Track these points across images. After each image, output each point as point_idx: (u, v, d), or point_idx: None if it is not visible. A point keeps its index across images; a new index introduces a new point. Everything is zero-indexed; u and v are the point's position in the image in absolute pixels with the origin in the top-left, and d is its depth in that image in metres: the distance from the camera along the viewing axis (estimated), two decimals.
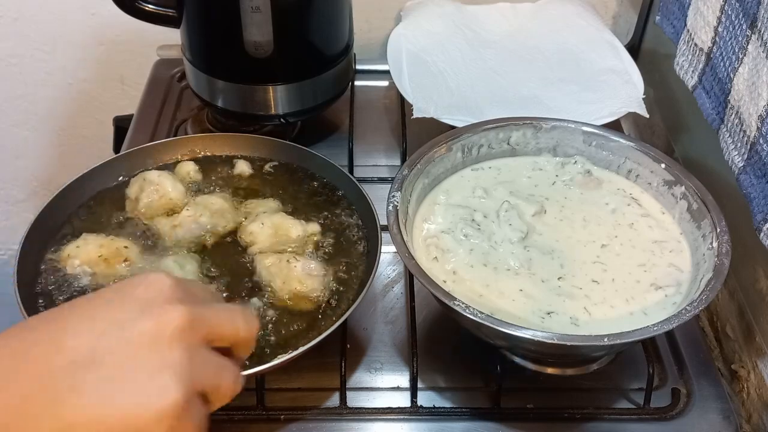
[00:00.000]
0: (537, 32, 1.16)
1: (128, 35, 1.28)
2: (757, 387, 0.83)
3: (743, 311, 0.86)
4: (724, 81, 0.82)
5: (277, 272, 0.75)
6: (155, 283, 0.49)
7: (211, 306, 0.51)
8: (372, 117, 1.11)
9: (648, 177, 0.83)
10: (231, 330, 0.51)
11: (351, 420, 0.74)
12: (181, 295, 0.49)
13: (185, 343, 0.47)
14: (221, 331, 0.50)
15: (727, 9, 0.81)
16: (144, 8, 0.96)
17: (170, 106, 1.12)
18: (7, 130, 1.41)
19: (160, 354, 0.46)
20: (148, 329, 0.46)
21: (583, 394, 0.76)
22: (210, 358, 0.49)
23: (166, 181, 0.84)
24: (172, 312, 0.47)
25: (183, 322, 0.47)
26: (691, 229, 0.77)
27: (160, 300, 0.48)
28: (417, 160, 0.80)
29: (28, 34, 1.28)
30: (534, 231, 0.79)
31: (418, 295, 0.82)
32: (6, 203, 1.52)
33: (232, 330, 0.51)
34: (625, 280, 0.75)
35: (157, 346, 0.46)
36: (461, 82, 1.06)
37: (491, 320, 0.65)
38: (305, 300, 0.74)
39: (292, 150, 0.90)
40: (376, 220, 0.80)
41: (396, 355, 0.80)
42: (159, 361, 0.46)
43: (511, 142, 0.87)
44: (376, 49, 1.25)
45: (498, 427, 0.73)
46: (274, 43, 0.92)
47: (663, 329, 0.65)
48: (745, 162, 0.77)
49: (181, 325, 0.47)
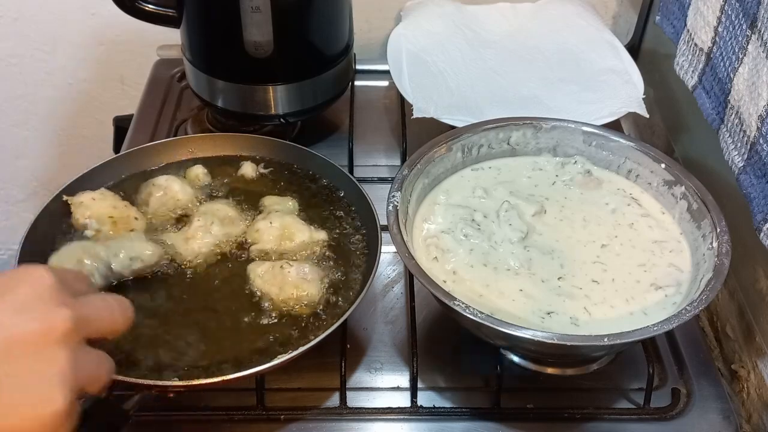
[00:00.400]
0: (537, 32, 1.16)
1: (128, 35, 1.28)
2: (757, 387, 0.83)
3: (743, 311, 0.86)
4: (724, 81, 0.82)
5: (272, 279, 0.74)
6: (38, 281, 0.48)
7: (90, 302, 0.51)
8: (372, 117, 1.11)
9: (648, 177, 0.83)
10: (110, 324, 0.52)
11: (351, 420, 0.74)
12: (63, 296, 0.48)
13: (69, 346, 0.46)
14: (101, 327, 0.51)
15: (727, 9, 0.81)
16: (144, 8, 0.96)
17: (170, 106, 1.12)
18: (7, 130, 1.41)
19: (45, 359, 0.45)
20: (33, 332, 0.45)
21: (583, 394, 0.76)
22: (89, 356, 0.49)
23: (174, 184, 0.84)
24: (58, 315, 0.46)
25: (68, 325, 0.46)
26: (691, 229, 0.77)
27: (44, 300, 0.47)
28: (417, 160, 0.80)
29: (28, 34, 1.28)
30: (534, 231, 0.79)
31: (418, 295, 0.82)
32: (6, 203, 1.52)
33: (111, 324, 0.52)
34: (625, 280, 0.75)
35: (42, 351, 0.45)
36: (461, 82, 1.06)
37: (491, 320, 0.65)
38: (303, 305, 0.74)
39: (292, 150, 0.90)
40: (376, 220, 0.80)
41: (396, 355, 0.80)
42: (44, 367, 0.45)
43: (511, 142, 0.87)
44: (376, 49, 1.25)
45: (498, 427, 0.73)
46: (274, 43, 0.92)
47: (663, 329, 0.65)
48: (745, 162, 0.77)
49: (67, 329, 0.46)
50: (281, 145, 0.91)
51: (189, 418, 0.73)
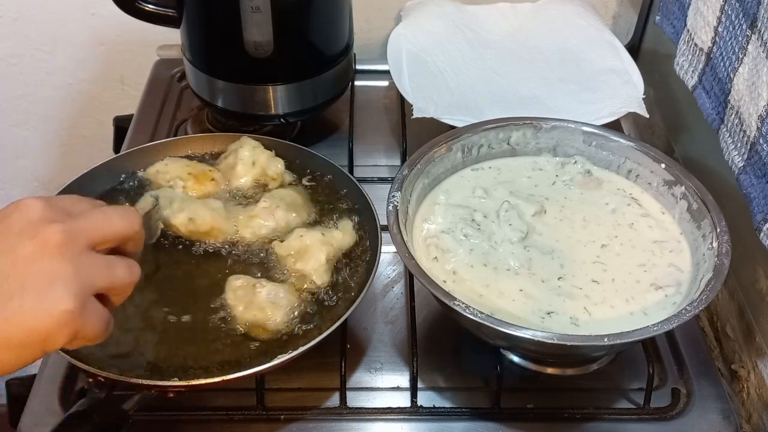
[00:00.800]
0: (537, 32, 1.16)
1: (128, 35, 1.28)
2: (757, 387, 0.83)
3: (743, 311, 0.86)
4: (724, 81, 0.82)
5: (243, 296, 0.73)
6: (27, 207, 0.53)
7: (85, 215, 0.54)
8: (372, 117, 1.11)
9: (648, 177, 0.83)
10: (109, 230, 0.55)
11: (351, 420, 0.74)
12: (53, 214, 0.52)
13: (67, 255, 0.50)
14: (100, 233, 0.54)
15: (727, 9, 0.81)
16: (144, 8, 0.96)
17: (170, 106, 1.12)
18: (7, 130, 1.41)
19: (45, 270, 0.50)
20: (30, 251, 0.50)
21: (583, 394, 0.76)
22: (97, 261, 0.53)
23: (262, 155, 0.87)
24: (48, 230, 0.51)
25: (60, 237, 0.51)
26: (691, 229, 0.77)
27: (34, 222, 0.51)
28: (417, 160, 0.80)
29: (28, 34, 1.28)
30: (534, 231, 0.79)
31: (418, 295, 0.82)
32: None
33: (111, 230, 0.55)
34: (625, 280, 0.75)
35: (40, 263, 0.50)
36: (461, 82, 1.06)
37: (491, 320, 0.65)
38: (263, 328, 0.72)
39: (292, 150, 0.90)
40: (376, 220, 0.80)
41: (396, 355, 0.80)
42: (46, 276, 0.49)
43: (511, 142, 0.87)
44: (376, 49, 1.25)
45: (498, 427, 0.73)
46: (274, 43, 0.92)
47: (663, 329, 0.65)
48: (745, 162, 0.77)
49: (59, 240, 0.50)
50: (281, 145, 0.91)
51: (189, 418, 0.73)
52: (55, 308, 0.49)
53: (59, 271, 0.50)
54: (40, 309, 0.49)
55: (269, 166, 0.86)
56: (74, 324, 0.50)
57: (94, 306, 0.52)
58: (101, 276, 0.53)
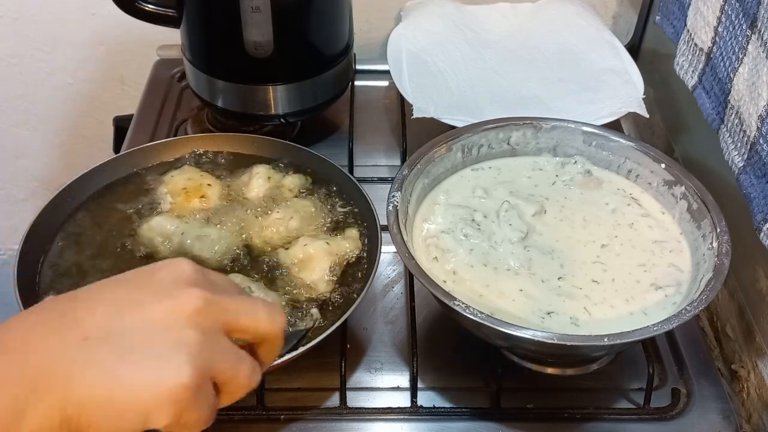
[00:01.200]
0: (537, 32, 1.16)
1: (128, 35, 1.28)
2: (757, 387, 0.83)
3: (743, 311, 0.86)
4: (724, 81, 0.82)
5: None
6: (177, 267, 0.49)
7: (232, 296, 0.50)
8: (372, 117, 1.11)
9: (648, 177, 0.83)
10: (251, 320, 0.50)
11: (351, 420, 0.74)
12: (201, 280, 0.49)
13: (202, 327, 0.46)
14: (240, 320, 0.49)
15: (727, 9, 0.81)
16: (144, 8, 0.96)
17: (170, 106, 1.12)
18: (7, 130, 1.41)
19: (175, 334, 0.46)
20: (165, 310, 0.46)
21: (583, 394, 0.76)
22: (227, 346, 0.48)
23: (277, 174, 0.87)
24: (191, 294, 0.47)
25: (200, 304, 0.47)
26: (691, 229, 0.77)
27: (180, 283, 0.48)
28: (417, 160, 0.80)
29: (28, 34, 1.28)
30: (534, 231, 0.79)
31: (418, 295, 0.82)
32: (6, 203, 1.52)
33: (252, 321, 0.50)
34: (625, 280, 0.75)
35: (172, 326, 0.46)
36: (461, 82, 1.06)
37: (491, 320, 0.65)
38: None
39: (292, 150, 0.90)
40: (376, 220, 0.80)
41: (396, 355, 0.80)
42: (173, 341, 0.45)
43: (511, 142, 0.87)
44: (376, 49, 1.25)
45: (498, 427, 0.73)
46: (274, 43, 0.92)
47: (663, 329, 0.64)
48: (745, 162, 0.77)
49: (199, 308, 0.46)
50: (281, 145, 0.91)
51: None
52: (172, 380, 0.44)
53: (187, 340, 0.46)
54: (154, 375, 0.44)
55: (284, 181, 0.87)
56: (184, 403, 0.45)
57: (208, 391, 0.47)
58: (226, 363, 0.48)
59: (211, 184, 0.86)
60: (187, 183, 0.85)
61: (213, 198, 0.85)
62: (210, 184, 0.86)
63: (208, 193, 0.85)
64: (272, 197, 0.85)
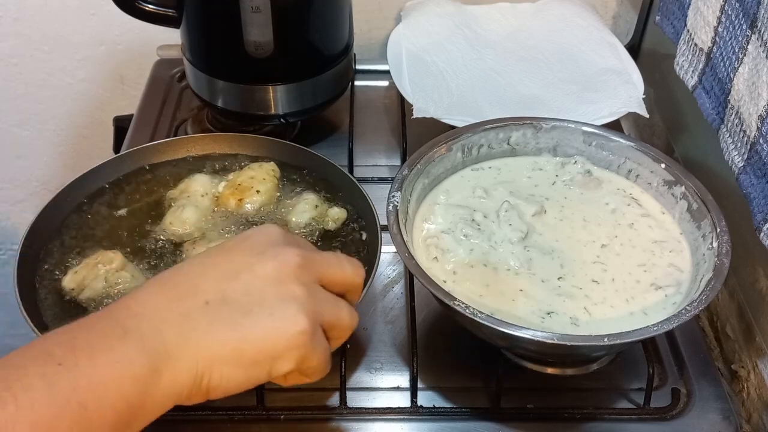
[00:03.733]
0: (537, 32, 1.16)
1: (128, 35, 1.28)
2: (757, 387, 0.83)
3: (743, 311, 0.86)
4: (724, 81, 0.82)
5: None
6: (268, 231, 0.55)
7: (320, 252, 0.57)
8: (372, 117, 1.11)
9: (648, 177, 0.83)
10: (340, 273, 0.57)
11: (351, 420, 0.74)
12: (292, 240, 0.55)
13: (303, 280, 0.52)
14: (332, 273, 0.56)
15: (727, 9, 0.81)
16: (144, 8, 0.96)
17: (170, 106, 1.12)
18: (7, 130, 1.41)
19: (283, 289, 0.51)
20: (270, 269, 0.52)
21: (583, 394, 0.76)
22: (326, 295, 0.54)
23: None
24: (289, 253, 0.53)
25: (300, 261, 0.53)
26: (691, 229, 0.77)
27: (276, 244, 0.53)
28: (417, 160, 0.80)
29: (28, 34, 1.28)
30: (534, 231, 0.79)
31: (418, 295, 0.82)
32: (6, 203, 1.52)
33: (342, 273, 0.57)
34: (625, 280, 0.75)
35: (279, 282, 0.51)
36: (461, 82, 1.06)
37: (491, 320, 0.65)
38: None
39: (292, 150, 0.90)
40: (376, 220, 0.80)
41: (396, 355, 0.80)
42: (283, 295, 0.51)
43: (511, 142, 0.87)
44: (376, 49, 1.25)
45: (498, 427, 0.73)
46: (274, 43, 0.92)
47: (663, 329, 0.64)
48: (745, 162, 0.77)
49: (299, 264, 0.52)
50: (281, 145, 0.91)
51: (189, 418, 0.73)
52: (291, 328, 0.50)
53: (296, 292, 0.51)
54: (275, 327, 0.50)
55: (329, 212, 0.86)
56: (305, 348, 0.51)
57: (321, 337, 0.53)
58: (329, 309, 0.54)
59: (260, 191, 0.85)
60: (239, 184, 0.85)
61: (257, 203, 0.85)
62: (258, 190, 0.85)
63: (252, 198, 0.84)
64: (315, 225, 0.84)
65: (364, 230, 0.82)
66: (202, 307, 0.49)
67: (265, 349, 0.50)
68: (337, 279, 0.56)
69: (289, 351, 0.50)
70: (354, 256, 0.79)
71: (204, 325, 0.49)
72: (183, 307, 0.49)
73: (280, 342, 0.50)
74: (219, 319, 0.49)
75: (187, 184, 0.86)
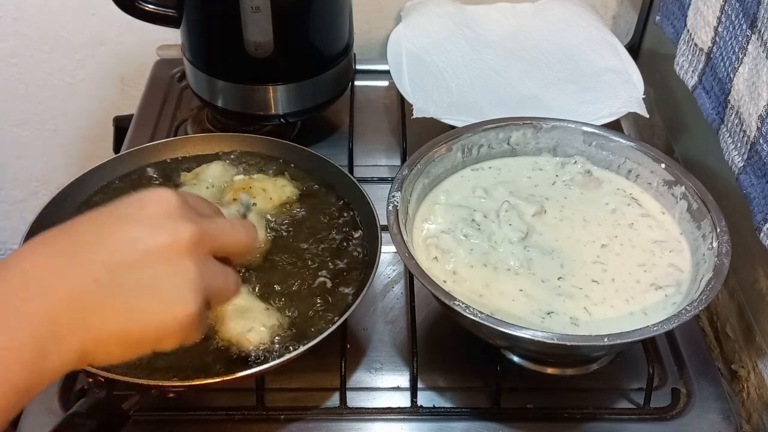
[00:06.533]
0: (537, 32, 1.16)
1: (128, 35, 1.28)
2: (757, 387, 0.83)
3: (743, 311, 0.86)
4: (724, 81, 0.82)
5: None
6: (165, 199, 0.52)
7: (215, 220, 0.55)
8: (372, 117, 1.11)
9: (648, 177, 0.83)
10: (233, 242, 0.56)
11: (351, 420, 0.74)
12: (188, 212, 0.53)
13: (196, 257, 0.51)
14: (225, 243, 0.55)
15: (727, 9, 0.81)
16: (144, 8, 0.96)
17: (170, 106, 1.12)
18: (7, 130, 1.41)
19: (175, 268, 0.50)
20: (163, 245, 0.50)
21: (583, 394, 0.76)
22: (216, 267, 0.54)
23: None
24: (184, 229, 0.51)
25: (194, 237, 0.51)
26: (691, 229, 0.77)
27: (172, 218, 0.51)
28: (417, 160, 0.80)
29: (28, 34, 1.28)
30: (534, 231, 0.79)
31: (418, 295, 0.82)
32: (6, 203, 1.52)
33: (234, 242, 0.56)
34: (625, 280, 0.75)
35: (171, 260, 0.50)
36: (461, 82, 1.06)
37: (491, 320, 0.65)
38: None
39: (292, 150, 0.90)
40: (376, 220, 0.80)
41: (396, 355, 0.80)
42: (175, 274, 0.50)
43: (511, 142, 0.87)
44: (376, 49, 1.25)
45: (498, 427, 0.73)
46: (274, 43, 0.92)
47: (663, 329, 0.65)
48: (745, 162, 0.77)
49: (192, 240, 0.51)
50: (281, 145, 0.91)
51: (189, 418, 0.73)
52: (180, 312, 0.50)
53: (189, 274, 0.50)
54: (164, 310, 0.50)
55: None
56: (190, 329, 0.51)
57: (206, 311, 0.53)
58: (218, 284, 0.54)
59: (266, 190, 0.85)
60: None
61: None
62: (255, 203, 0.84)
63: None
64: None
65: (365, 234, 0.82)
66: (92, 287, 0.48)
67: (152, 331, 0.50)
68: (229, 247, 0.56)
69: (177, 332, 0.51)
70: (353, 256, 0.79)
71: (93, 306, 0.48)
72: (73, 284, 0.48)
73: (169, 325, 0.50)
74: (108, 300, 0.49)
75: (203, 169, 0.87)
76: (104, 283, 0.48)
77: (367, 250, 0.80)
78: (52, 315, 0.47)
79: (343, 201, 0.85)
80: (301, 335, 0.72)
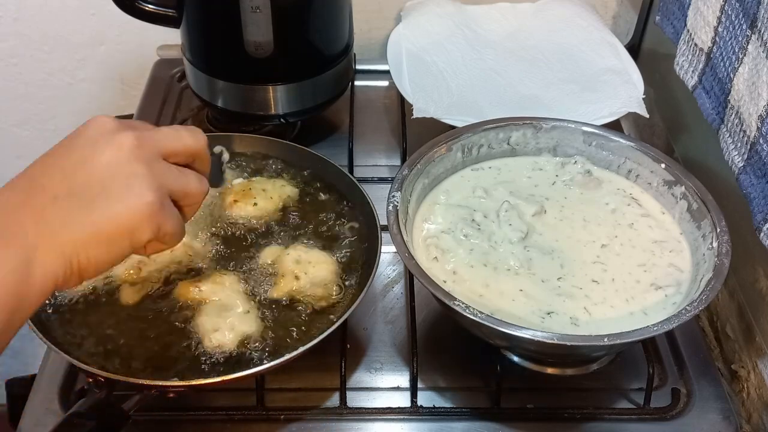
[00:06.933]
0: (537, 32, 1.16)
1: (128, 35, 1.28)
2: (757, 387, 0.83)
3: (743, 311, 0.86)
4: (724, 81, 0.82)
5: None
6: (99, 122, 0.56)
7: (155, 129, 0.59)
8: (372, 117, 1.11)
9: (648, 177, 0.83)
10: (179, 143, 0.58)
11: (351, 420, 0.74)
12: (125, 126, 0.56)
13: (141, 158, 0.55)
14: (171, 145, 0.58)
15: (727, 9, 0.81)
16: (144, 8, 0.96)
17: (170, 106, 1.12)
18: (7, 130, 1.41)
19: (123, 171, 0.54)
20: (108, 155, 0.54)
21: (583, 394, 0.76)
22: (169, 167, 0.57)
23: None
24: (123, 136, 0.55)
25: (134, 141, 0.55)
26: (691, 229, 0.77)
27: (109, 132, 0.55)
28: (417, 160, 0.80)
29: (28, 34, 1.28)
30: (534, 231, 0.79)
31: (418, 295, 0.82)
32: None
33: (180, 143, 0.59)
34: (625, 280, 0.75)
35: (118, 166, 0.54)
36: (461, 82, 1.06)
37: (491, 320, 0.65)
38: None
39: (292, 150, 0.90)
40: (376, 220, 0.79)
41: (396, 355, 0.80)
42: (125, 176, 0.54)
43: (511, 142, 0.87)
44: (376, 49, 1.25)
45: (498, 427, 0.73)
46: (274, 43, 0.92)
47: (663, 329, 0.65)
48: (745, 162, 0.77)
49: (134, 145, 0.55)
50: (281, 145, 0.91)
51: (189, 418, 0.73)
52: (137, 202, 0.53)
53: (136, 171, 0.54)
54: (123, 206, 0.53)
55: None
56: (156, 217, 0.54)
57: (171, 206, 0.57)
58: (175, 180, 0.57)
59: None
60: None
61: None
62: (256, 203, 0.84)
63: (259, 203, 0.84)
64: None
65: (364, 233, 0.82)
66: (52, 202, 0.52)
67: (121, 226, 0.53)
68: (179, 149, 0.58)
69: (143, 223, 0.54)
70: (353, 256, 0.79)
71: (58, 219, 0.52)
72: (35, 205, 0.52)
73: (133, 216, 0.53)
74: (70, 209, 0.53)
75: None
76: (62, 197, 0.53)
77: (367, 250, 0.80)
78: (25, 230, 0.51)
79: (343, 201, 0.85)
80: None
